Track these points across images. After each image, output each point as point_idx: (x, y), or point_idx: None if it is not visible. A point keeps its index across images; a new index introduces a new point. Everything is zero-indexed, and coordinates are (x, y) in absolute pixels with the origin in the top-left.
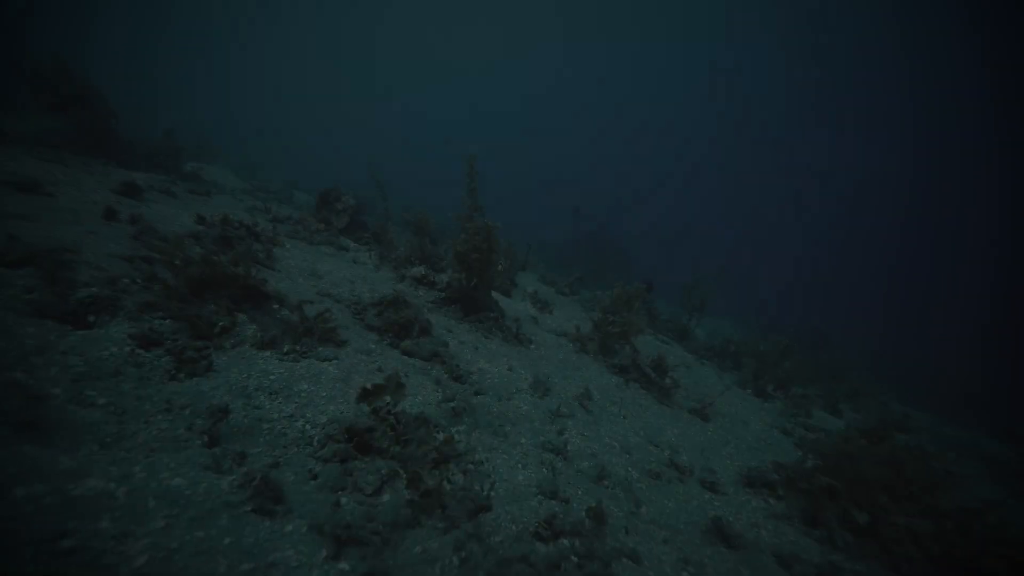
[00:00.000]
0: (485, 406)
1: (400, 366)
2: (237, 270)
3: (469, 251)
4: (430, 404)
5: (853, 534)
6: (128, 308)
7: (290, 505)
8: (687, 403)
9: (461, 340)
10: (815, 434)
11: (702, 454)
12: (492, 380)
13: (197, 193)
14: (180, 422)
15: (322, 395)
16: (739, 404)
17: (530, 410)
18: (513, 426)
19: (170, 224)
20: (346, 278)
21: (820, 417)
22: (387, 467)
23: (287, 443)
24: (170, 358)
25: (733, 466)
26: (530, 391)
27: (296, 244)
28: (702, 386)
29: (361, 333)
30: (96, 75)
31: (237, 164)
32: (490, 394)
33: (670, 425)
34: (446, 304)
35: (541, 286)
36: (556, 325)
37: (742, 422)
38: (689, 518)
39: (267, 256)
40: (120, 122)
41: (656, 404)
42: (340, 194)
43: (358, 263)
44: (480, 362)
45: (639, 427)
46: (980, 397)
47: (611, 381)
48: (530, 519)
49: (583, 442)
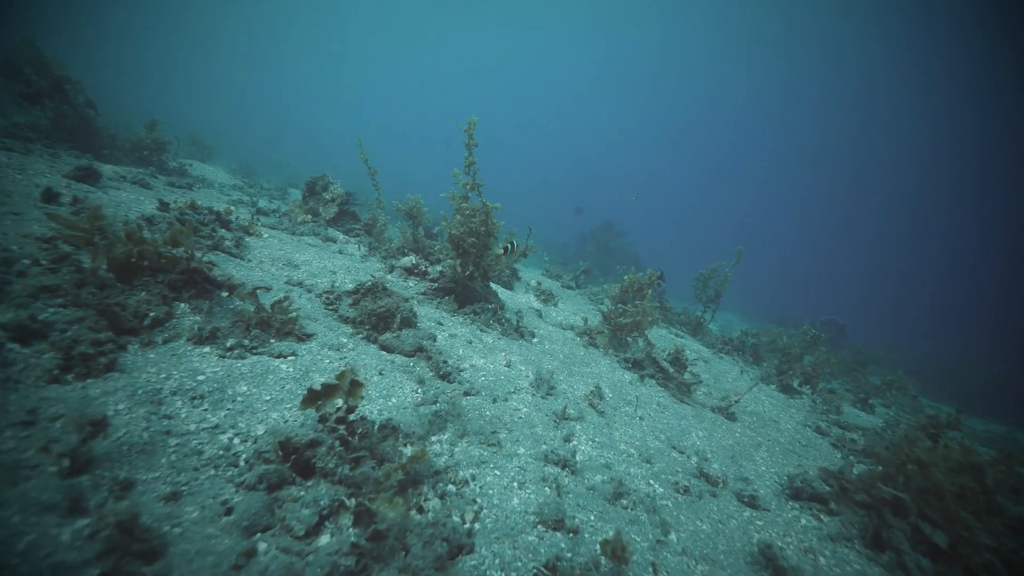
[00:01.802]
0: (476, 409)
1: (375, 363)
2: (176, 252)
3: (464, 235)
4: (405, 408)
5: (930, 558)
6: (15, 293)
7: (170, 562)
8: (710, 400)
9: (452, 333)
10: (852, 432)
11: (733, 460)
12: (487, 378)
13: (177, 186)
14: (35, 439)
15: (265, 399)
16: (765, 401)
17: (530, 412)
18: (509, 433)
19: (126, 209)
20: (327, 268)
21: (851, 413)
22: (331, 495)
23: (200, 464)
24: (54, 355)
25: (770, 473)
26: (531, 390)
27: (277, 235)
28: (723, 381)
29: (332, 325)
30: (103, 76)
31: (239, 163)
32: (483, 394)
33: (693, 426)
34: (439, 295)
35: (545, 279)
36: (562, 318)
37: (772, 421)
38: (729, 544)
39: (236, 245)
40: (101, 114)
41: (675, 402)
42: (328, 183)
43: (344, 254)
44: (473, 358)
45: (659, 429)
46: (1000, 387)
47: (624, 377)
48: (526, 562)
49: (594, 450)
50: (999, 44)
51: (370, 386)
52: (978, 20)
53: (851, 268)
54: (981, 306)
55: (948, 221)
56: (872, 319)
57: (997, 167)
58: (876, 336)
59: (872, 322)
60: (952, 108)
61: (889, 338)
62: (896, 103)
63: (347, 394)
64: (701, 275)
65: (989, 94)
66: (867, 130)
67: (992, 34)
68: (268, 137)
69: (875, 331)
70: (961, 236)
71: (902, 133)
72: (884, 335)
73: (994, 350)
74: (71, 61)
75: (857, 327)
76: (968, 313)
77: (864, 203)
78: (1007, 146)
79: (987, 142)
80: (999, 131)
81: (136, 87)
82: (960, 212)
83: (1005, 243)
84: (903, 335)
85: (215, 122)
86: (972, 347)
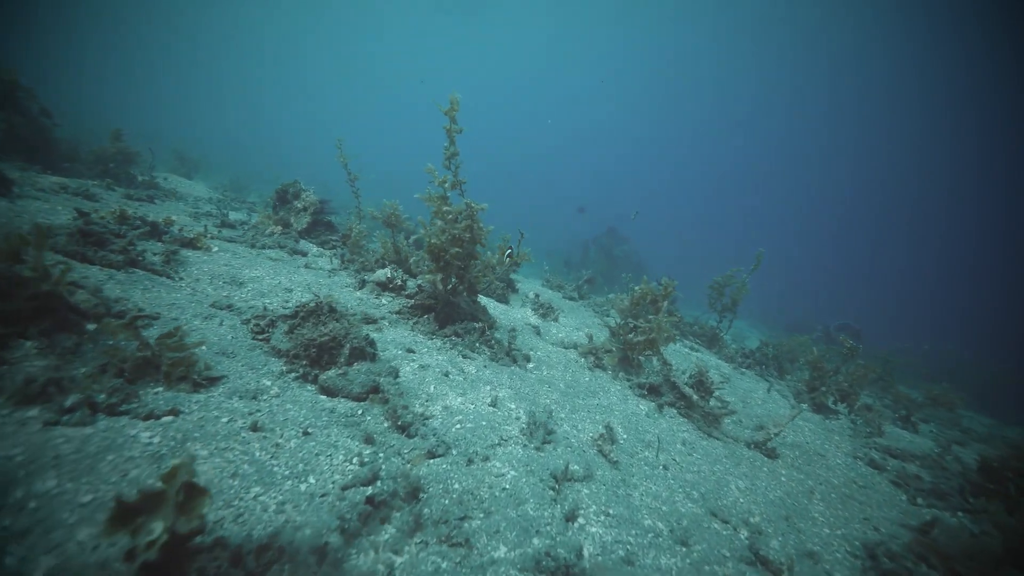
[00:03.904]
0: (442, 479)
1: (304, 416)
2: (15, 270)
3: (446, 244)
4: (324, 495)
5: None
6: None
7: None
8: (741, 432)
9: (424, 364)
10: (908, 462)
11: (788, 522)
12: (463, 426)
13: (135, 198)
14: None
15: (81, 503)
16: (804, 428)
17: (519, 479)
18: (486, 518)
19: (24, 220)
20: (281, 286)
21: (894, 434)
22: None
23: None
24: None
25: (837, 539)
26: (522, 438)
27: (233, 248)
28: (751, 404)
29: (256, 361)
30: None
31: (229, 179)
32: (455, 452)
33: (730, 472)
34: (417, 313)
35: (545, 290)
36: (563, 335)
37: (817, 455)
38: None
39: (166, 261)
40: (59, 124)
41: (703, 437)
42: (300, 190)
43: (311, 268)
44: (448, 396)
45: (689, 482)
46: (999, 387)
47: (640, 408)
48: None
49: (609, 531)
50: (999, 44)
51: (281, 456)
52: (978, 20)
53: (852, 268)
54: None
55: (948, 221)
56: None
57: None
58: (878, 337)
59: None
60: (952, 108)
61: (893, 339)
62: (896, 103)
63: (178, 509)
64: (716, 282)
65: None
66: (867, 131)
67: (992, 34)
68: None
69: (876, 332)
70: (960, 236)
71: (902, 133)
72: (886, 336)
73: (994, 349)
74: (95, 80)
75: (864, 330)
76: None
77: (865, 204)
78: (1007, 146)
79: (987, 142)
80: (999, 131)
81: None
82: (960, 212)
83: (1005, 243)
84: (904, 335)
85: (222, 140)
86: (972, 347)
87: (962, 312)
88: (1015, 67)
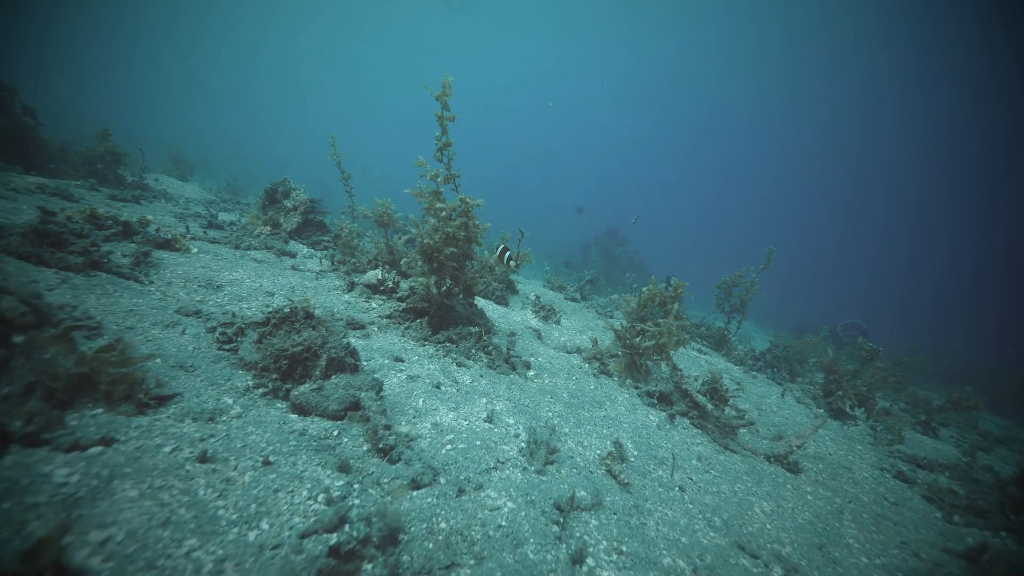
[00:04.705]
0: (426, 517)
1: (267, 440)
2: None
3: (440, 244)
4: (278, 547)
5: None
6: None
7: None
8: (759, 443)
9: (413, 374)
10: (937, 473)
11: (822, 551)
12: (454, 447)
13: (120, 199)
14: None
15: None
16: (823, 435)
17: (517, 512)
18: (478, 566)
19: None
20: (263, 289)
21: (916, 441)
22: None
23: None
24: None
25: (877, 570)
26: (522, 459)
27: (215, 250)
28: (766, 411)
29: (219, 375)
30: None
31: (226, 180)
32: (443, 481)
33: (753, 492)
34: (409, 317)
35: (546, 291)
36: (566, 339)
37: (842, 468)
38: None
39: (136, 263)
40: (43, 123)
41: (719, 451)
42: (290, 189)
43: (298, 270)
44: (439, 411)
45: (709, 506)
46: (999, 386)
47: (650, 419)
48: None
49: (622, 574)
50: (1000, 41)
51: (230, 495)
52: (978, 20)
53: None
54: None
55: (948, 221)
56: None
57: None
58: (882, 336)
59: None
60: (951, 108)
61: (898, 338)
62: (897, 104)
63: None
64: (724, 282)
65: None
66: (868, 132)
67: (993, 32)
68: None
69: (881, 331)
70: (960, 237)
71: (903, 134)
72: (892, 335)
73: (995, 349)
74: (109, 88)
75: (870, 329)
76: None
77: (866, 204)
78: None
79: (987, 142)
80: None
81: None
82: (960, 212)
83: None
84: (908, 335)
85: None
86: (972, 347)
87: (965, 311)
88: (1016, 65)
